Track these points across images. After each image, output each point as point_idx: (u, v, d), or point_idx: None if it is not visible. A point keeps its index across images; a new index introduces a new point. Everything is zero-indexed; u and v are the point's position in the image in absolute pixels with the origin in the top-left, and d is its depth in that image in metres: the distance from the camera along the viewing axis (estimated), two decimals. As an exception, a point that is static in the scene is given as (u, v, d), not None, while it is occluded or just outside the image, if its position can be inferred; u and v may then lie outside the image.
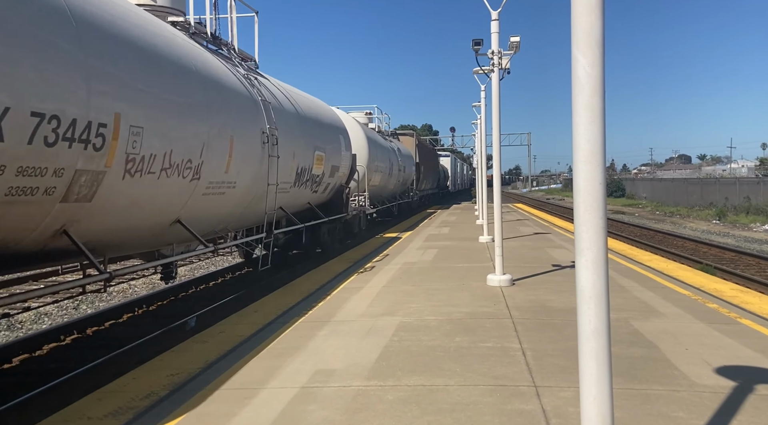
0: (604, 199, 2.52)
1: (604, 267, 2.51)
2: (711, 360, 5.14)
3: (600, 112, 2.49)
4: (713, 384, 4.56)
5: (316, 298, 8.34)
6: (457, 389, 4.56)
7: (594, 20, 2.47)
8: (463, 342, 5.85)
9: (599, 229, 2.50)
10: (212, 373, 5.10)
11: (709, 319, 6.62)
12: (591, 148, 2.50)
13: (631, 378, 4.72)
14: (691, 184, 45.01)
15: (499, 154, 10.04)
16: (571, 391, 4.43)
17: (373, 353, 5.55)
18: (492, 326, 6.48)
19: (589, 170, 2.50)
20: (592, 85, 2.48)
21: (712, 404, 4.16)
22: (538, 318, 6.80)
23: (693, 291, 8.31)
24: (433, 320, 6.81)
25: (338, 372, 5.04)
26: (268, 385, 4.75)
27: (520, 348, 5.61)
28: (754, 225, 28.83)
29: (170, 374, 5.10)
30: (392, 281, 9.60)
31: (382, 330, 6.42)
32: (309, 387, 4.68)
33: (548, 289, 8.58)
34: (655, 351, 5.45)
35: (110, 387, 4.82)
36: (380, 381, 4.76)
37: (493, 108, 9.65)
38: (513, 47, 10.00)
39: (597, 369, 2.50)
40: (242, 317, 7.31)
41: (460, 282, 9.38)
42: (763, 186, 34.03)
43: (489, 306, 7.50)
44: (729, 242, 22.45)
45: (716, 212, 34.28)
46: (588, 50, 2.48)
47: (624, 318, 6.66)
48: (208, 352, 5.75)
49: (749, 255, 17.47)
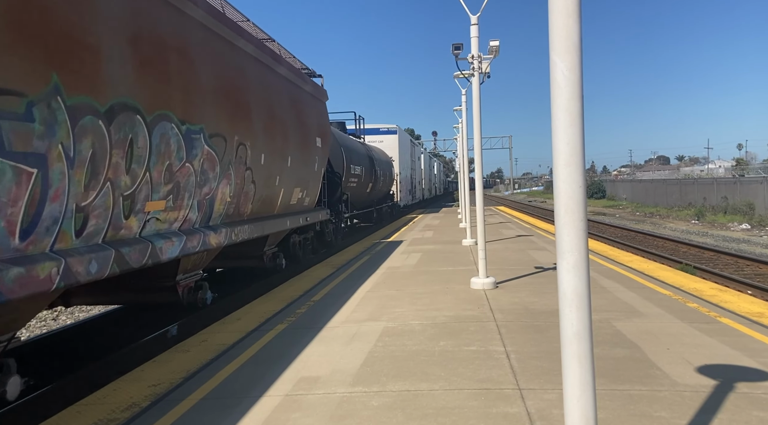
0: (585, 202, 2.53)
1: (585, 269, 2.52)
2: (692, 359, 5.19)
3: (579, 115, 2.51)
4: (694, 383, 4.61)
5: (299, 305, 8.29)
6: (441, 393, 4.55)
7: (571, 25, 2.49)
8: (447, 346, 5.84)
9: (580, 232, 2.52)
10: (195, 383, 5.04)
11: (690, 319, 6.70)
12: (570, 151, 2.51)
13: (614, 378, 4.75)
14: (670, 184, 45.63)
15: (480, 157, 10.09)
16: (555, 393, 4.44)
17: (358, 359, 5.53)
18: (476, 329, 6.49)
19: (569, 173, 2.52)
20: (570, 89, 2.50)
21: (693, 403, 4.20)
22: (522, 321, 6.83)
23: (673, 291, 8.40)
24: (418, 324, 6.80)
25: (322, 379, 5.01)
26: (252, 394, 4.70)
27: (504, 351, 5.62)
28: (731, 224, 29.30)
29: (152, 384, 5.03)
30: (376, 286, 9.58)
31: (367, 335, 6.40)
32: (293, 395, 4.64)
33: (531, 291, 8.62)
34: (637, 351, 5.50)
35: (90, 399, 4.73)
36: (365, 388, 4.74)
37: (474, 111, 9.69)
38: (492, 51, 10.07)
39: (580, 370, 2.51)
40: (225, 325, 7.24)
41: (444, 285, 9.39)
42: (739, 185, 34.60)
43: (473, 310, 7.51)
44: (708, 241, 22.78)
45: (695, 212, 34.79)
46: (566, 54, 2.50)
47: (606, 319, 6.72)
48: (190, 361, 5.68)
49: (727, 254, 17.74)
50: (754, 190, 32.33)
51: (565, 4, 2.48)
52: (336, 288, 9.59)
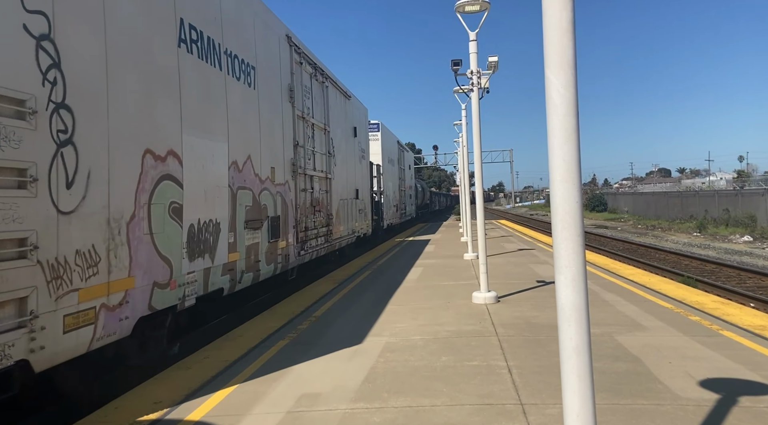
0: (581, 217, 2.56)
1: (583, 283, 2.53)
2: (694, 372, 5.18)
3: (574, 131, 2.54)
4: (697, 397, 4.59)
5: (300, 321, 8.28)
6: (443, 409, 4.54)
7: (566, 43, 2.53)
8: (449, 362, 5.83)
9: (577, 247, 2.54)
10: (196, 401, 5.03)
11: (692, 332, 6.68)
12: (567, 167, 2.54)
13: (616, 393, 4.74)
14: (671, 197, 45.61)
15: (480, 171, 10.13)
16: (557, 408, 4.43)
17: (360, 375, 5.52)
18: (478, 344, 6.48)
19: (566, 189, 2.54)
20: (565, 106, 2.54)
21: (696, 417, 4.19)
22: (524, 335, 6.82)
23: (675, 304, 8.39)
24: (420, 339, 6.79)
25: (324, 395, 5.00)
26: (253, 411, 4.70)
27: (506, 366, 5.61)
28: (733, 236, 29.24)
29: (153, 402, 5.02)
30: (377, 301, 9.57)
31: (368, 351, 6.39)
32: (295, 412, 4.63)
33: (533, 305, 8.61)
34: (639, 365, 5.48)
35: (91, 418, 4.73)
36: (366, 404, 4.73)
37: (473, 126, 9.75)
38: (491, 67, 10.16)
39: (579, 385, 2.52)
40: (227, 341, 7.23)
41: (446, 300, 9.38)
42: (741, 197, 34.57)
43: (475, 324, 7.50)
44: (710, 254, 22.73)
45: (697, 224, 34.74)
46: (561, 72, 2.54)
47: (608, 333, 6.70)
48: (191, 379, 5.67)
49: (730, 266, 17.70)
50: (756, 202, 32.31)
51: (559, 22, 2.53)
52: (337, 303, 9.58)
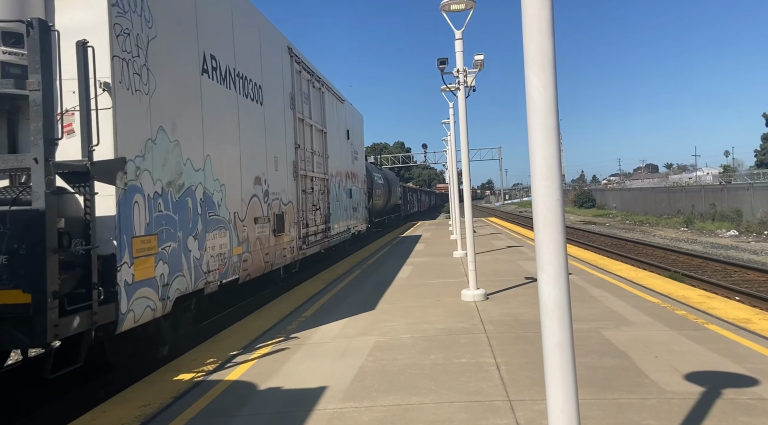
0: (563, 215, 2.59)
1: (565, 280, 2.56)
2: (680, 366, 5.24)
3: (554, 130, 2.57)
4: (682, 390, 4.65)
5: (290, 321, 8.28)
6: (432, 407, 4.56)
7: (545, 43, 2.56)
8: (438, 359, 5.86)
9: (559, 244, 2.56)
10: (185, 403, 5.02)
11: (678, 326, 6.76)
12: (548, 165, 2.57)
13: (602, 388, 4.79)
14: (658, 192, 45.99)
15: (468, 169, 10.16)
16: (544, 404, 4.43)
17: (348, 374, 5.53)
18: (466, 341, 6.51)
19: (547, 186, 2.57)
20: (545, 105, 2.56)
21: (681, 410, 4.24)
22: (512, 332, 6.86)
23: (662, 299, 8.47)
24: (409, 338, 6.82)
25: (313, 395, 5.00)
26: (242, 412, 4.69)
27: (494, 363, 5.65)
28: (719, 231, 29.53)
29: (142, 405, 5.00)
30: (367, 300, 9.58)
31: (357, 350, 6.40)
32: (284, 412, 4.64)
33: (521, 302, 8.66)
34: (625, 360, 5.54)
35: (79, 422, 4.71)
36: (355, 403, 4.74)
37: (460, 124, 9.80)
38: (477, 65, 10.20)
39: (563, 381, 2.55)
40: (215, 343, 7.21)
41: (435, 298, 9.41)
42: (726, 192, 34.91)
43: (463, 322, 7.53)
44: (696, 249, 22.95)
45: (684, 220, 35.04)
46: (541, 71, 2.56)
47: (596, 329, 6.76)
48: (180, 381, 5.66)
49: (715, 261, 17.89)
50: (741, 197, 32.65)
51: (538, 24, 2.55)
52: (327, 303, 9.59)
